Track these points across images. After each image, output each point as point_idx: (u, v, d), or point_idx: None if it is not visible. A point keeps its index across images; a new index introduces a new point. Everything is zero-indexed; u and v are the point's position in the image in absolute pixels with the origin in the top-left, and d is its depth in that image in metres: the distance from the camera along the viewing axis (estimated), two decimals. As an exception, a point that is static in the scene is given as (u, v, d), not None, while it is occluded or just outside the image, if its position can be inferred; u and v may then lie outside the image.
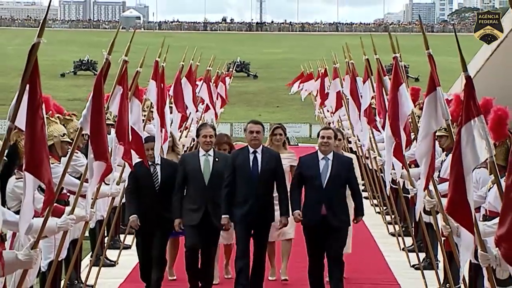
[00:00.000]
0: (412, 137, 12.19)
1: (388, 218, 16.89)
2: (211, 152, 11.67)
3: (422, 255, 13.85)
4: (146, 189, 11.67)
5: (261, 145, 11.59)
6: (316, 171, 11.24)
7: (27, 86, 7.09)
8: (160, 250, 11.86)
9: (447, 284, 11.69)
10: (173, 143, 13.73)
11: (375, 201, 20.36)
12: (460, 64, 7.97)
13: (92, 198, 10.55)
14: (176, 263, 13.12)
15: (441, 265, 12.61)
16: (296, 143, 45.71)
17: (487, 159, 7.93)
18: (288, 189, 11.58)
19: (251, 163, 11.43)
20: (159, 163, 11.83)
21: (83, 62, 67.09)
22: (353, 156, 13.72)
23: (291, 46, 76.35)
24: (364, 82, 17.74)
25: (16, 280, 8.28)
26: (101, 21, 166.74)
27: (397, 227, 16.17)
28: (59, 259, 10.69)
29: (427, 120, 9.97)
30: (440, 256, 12.64)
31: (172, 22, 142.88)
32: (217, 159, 11.61)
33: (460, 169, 7.84)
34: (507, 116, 9.43)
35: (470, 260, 10.38)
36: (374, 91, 15.25)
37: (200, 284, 11.95)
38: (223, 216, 11.39)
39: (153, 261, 11.83)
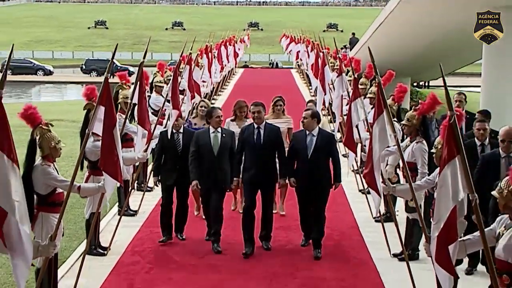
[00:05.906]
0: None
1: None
2: (219, 129, 7.76)
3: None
4: (170, 153, 7.89)
5: (264, 121, 7.77)
6: (303, 145, 7.75)
7: (137, 89, 7.18)
8: (181, 199, 8.03)
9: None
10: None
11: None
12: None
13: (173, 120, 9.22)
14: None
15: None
16: (281, 66, 45.71)
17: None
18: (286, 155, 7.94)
19: (255, 137, 7.76)
20: (182, 132, 8.04)
21: (176, 22, 69.26)
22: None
23: (283, 15, 75.29)
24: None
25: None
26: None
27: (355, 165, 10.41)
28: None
29: (337, 92, 10.00)
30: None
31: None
32: (224, 135, 7.80)
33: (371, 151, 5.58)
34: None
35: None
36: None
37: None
38: (234, 178, 7.71)
39: (177, 209, 8.05)
